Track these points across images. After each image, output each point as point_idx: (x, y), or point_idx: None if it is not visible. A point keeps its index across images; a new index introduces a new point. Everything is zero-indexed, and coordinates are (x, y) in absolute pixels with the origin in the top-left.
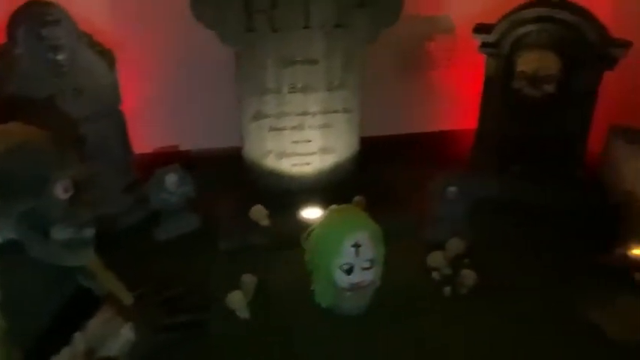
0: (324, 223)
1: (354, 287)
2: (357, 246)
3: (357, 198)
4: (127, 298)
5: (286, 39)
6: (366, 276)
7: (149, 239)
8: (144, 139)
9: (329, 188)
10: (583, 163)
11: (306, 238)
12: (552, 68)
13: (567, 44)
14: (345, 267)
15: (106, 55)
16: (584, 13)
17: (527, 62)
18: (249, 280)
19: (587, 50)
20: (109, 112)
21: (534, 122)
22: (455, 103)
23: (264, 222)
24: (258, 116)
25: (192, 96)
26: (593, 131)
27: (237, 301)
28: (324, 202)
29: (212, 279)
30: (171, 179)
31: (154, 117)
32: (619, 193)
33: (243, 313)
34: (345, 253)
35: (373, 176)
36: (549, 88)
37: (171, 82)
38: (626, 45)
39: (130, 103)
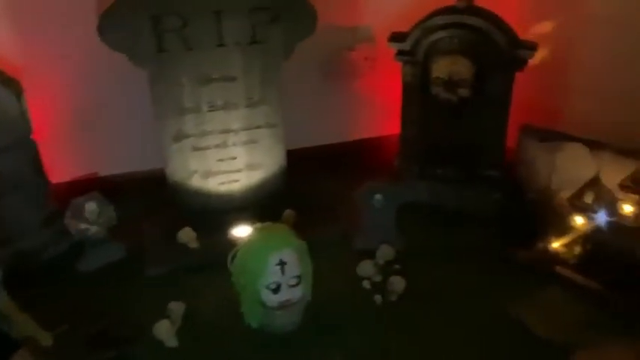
0: (247, 243)
1: (283, 305)
2: (282, 264)
3: (286, 212)
4: (46, 339)
5: (201, 57)
6: (294, 293)
7: (72, 272)
8: (61, 168)
9: (258, 204)
10: (502, 164)
11: (232, 259)
12: (465, 73)
13: (478, 49)
14: (272, 286)
15: (12, 85)
16: (492, 18)
17: (441, 68)
18: (176, 307)
19: (497, 54)
20: (20, 143)
21: (453, 126)
22: (379, 111)
23: (193, 244)
24: (180, 136)
25: (109, 119)
26: (510, 132)
27: (164, 330)
28: (255, 219)
29: (139, 309)
30: (90, 207)
31: (70, 144)
32: (535, 189)
33: (171, 342)
34: (271, 272)
35: (302, 189)
36: (464, 92)
37: (85, 107)
38: (533, 47)
39: (43, 132)
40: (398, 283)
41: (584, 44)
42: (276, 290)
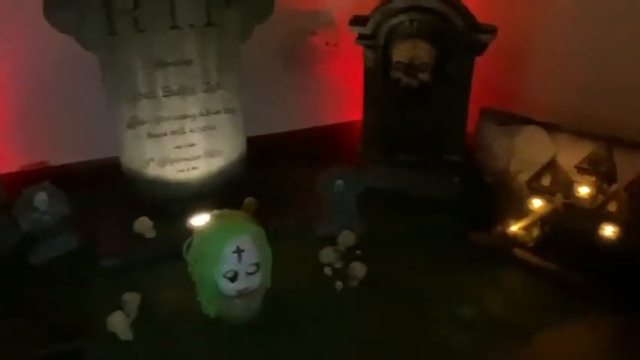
0: (203, 231)
1: (241, 294)
2: (239, 251)
3: (247, 200)
4: None
5: (154, 40)
6: (252, 281)
7: (24, 264)
8: (9, 157)
9: (219, 192)
10: (462, 148)
11: (187, 248)
12: (425, 57)
13: (438, 32)
14: (229, 274)
15: None
16: (451, 2)
17: (402, 52)
18: (131, 298)
19: (456, 38)
20: None
21: (414, 111)
22: (342, 96)
23: (150, 234)
24: (134, 123)
25: (60, 106)
26: (471, 116)
27: (118, 322)
28: (215, 207)
29: (92, 301)
30: (40, 198)
31: (18, 132)
32: (493, 173)
33: (126, 334)
34: (227, 259)
35: (264, 176)
36: (424, 76)
37: (34, 93)
38: (492, 31)
39: None
40: (359, 268)
41: (543, 29)
42: (233, 278)
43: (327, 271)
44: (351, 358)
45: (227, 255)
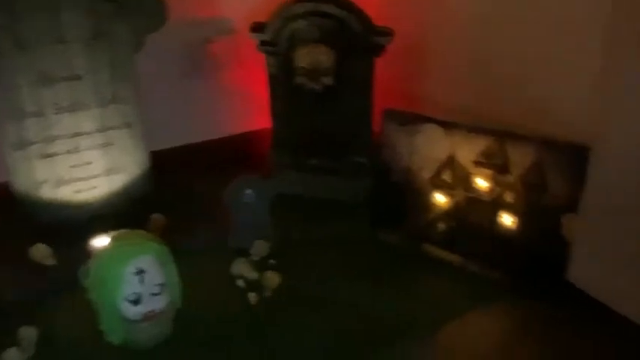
0: (100, 254)
1: (147, 317)
2: (140, 272)
3: (154, 216)
4: None
5: (39, 56)
6: (157, 302)
7: None
8: None
9: (123, 211)
10: (370, 150)
11: (85, 273)
12: (327, 61)
13: (336, 36)
14: (132, 297)
15: None
16: (348, 6)
17: (303, 57)
18: (27, 333)
19: (355, 41)
20: None
21: (320, 116)
22: (250, 104)
23: (48, 261)
24: (23, 144)
25: None
26: (378, 118)
27: None
28: (120, 227)
29: None
30: None
31: None
32: (398, 172)
33: None
34: (128, 282)
35: (172, 191)
36: (327, 80)
37: None
38: (389, 33)
39: None
40: (272, 278)
41: (437, 31)
42: (136, 302)
43: (240, 283)
44: None
45: (127, 277)
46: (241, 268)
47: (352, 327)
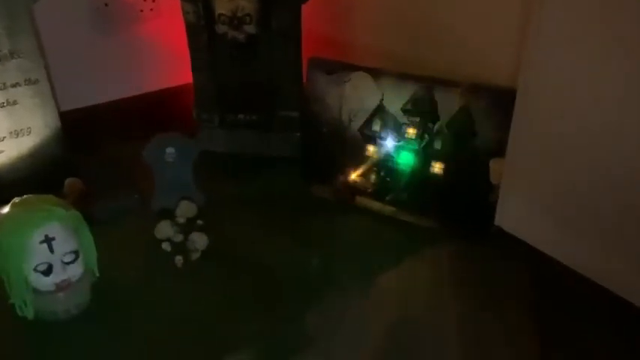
0: (2, 222)
1: (61, 287)
2: (48, 240)
3: (68, 181)
4: None
5: None
6: (72, 270)
7: None
8: None
9: (33, 177)
10: (298, 102)
11: None
12: (249, 8)
13: None
14: (41, 267)
15: None
16: None
17: (224, 4)
18: None
19: None
20: None
21: (245, 68)
22: (170, 58)
23: None
24: None
25: None
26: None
27: None
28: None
29: None
30: None
31: None
32: (328, 123)
33: None
34: (36, 251)
35: (88, 153)
36: (250, 28)
37: None
38: None
39: None
40: (199, 240)
41: None
42: (47, 272)
43: (166, 246)
44: (196, 335)
45: (34, 247)
46: (166, 230)
47: (279, 284)
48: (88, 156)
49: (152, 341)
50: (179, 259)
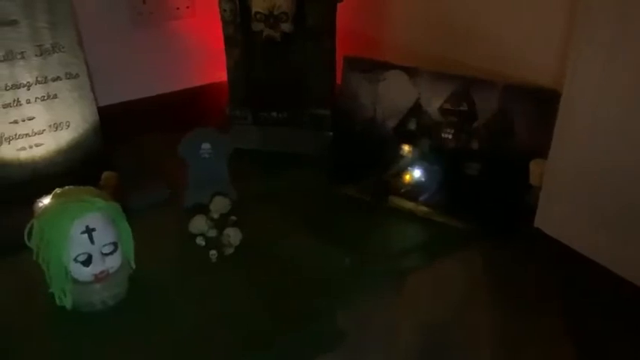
0: (44, 213)
1: (99, 278)
2: (89, 231)
3: (105, 174)
4: None
5: None
6: (110, 262)
7: None
8: None
9: (71, 170)
10: (331, 101)
11: (29, 234)
12: (285, 6)
13: None
14: (81, 258)
15: None
16: None
17: (260, 2)
18: None
19: None
20: None
21: (280, 65)
22: (206, 55)
23: None
24: None
25: None
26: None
27: None
28: (65, 187)
29: None
30: None
31: None
32: (361, 122)
33: None
34: (77, 242)
35: (125, 148)
36: (286, 27)
37: None
38: None
39: None
40: (234, 235)
41: None
42: (87, 262)
43: (200, 241)
44: (227, 330)
45: (75, 237)
46: (201, 225)
47: (311, 282)
48: (123, 150)
49: (185, 334)
50: (213, 254)
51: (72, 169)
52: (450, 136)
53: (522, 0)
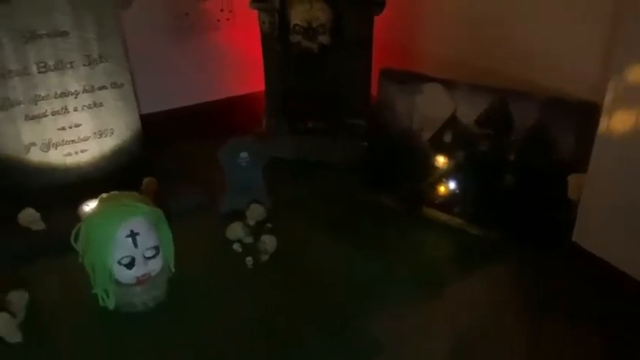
0: (91, 216)
1: (141, 280)
2: (133, 235)
3: (146, 180)
4: None
5: (21, 10)
6: (152, 265)
7: None
8: None
9: (114, 175)
10: (366, 111)
11: (76, 237)
12: (324, 18)
13: None
14: (125, 261)
15: None
16: None
17: (299, 14)
18: (17, 297)
19: None
20: None
21: (316, 76)
22: (242, 66)
23: (37, 226)
24: (6, 104)
25: None
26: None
27: (2, 324)
28: (110, 191)
29: None
30: None
31: None
32: (397, 133)
33: (14, 337)
34: (121, 245)
35: (164, 154)
36: (324, 38)
37: None
38: None
39: None
40: (269, 242)
41: None
42: (130, 265)
43: (237, 247)
44: (262, 334)
45: (120, 240)
46: (238, 232)
47: (345, 290)
48: (162, 157)
49: (220, 336)
50: (249, 260)
51: (114, 174)
52: (486, 148)
53: (561, 12)
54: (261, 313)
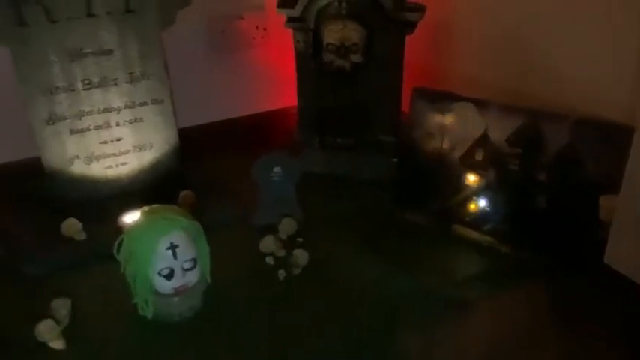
0: (133, 229)
1: (179, 291)
2: (173, 247)
3: (183, 193)
4: None
5: (69, 30)
6: (189, 277)
7: None
8: None
9: (152, 187)
10: (397, 128)
11: (118, 247)
12: (356, 38)
13: (366, 12)
14: (164, 272)
15: None
16: None
17: (332, 34)
18: (61, 304)
19: (385, 17)
20: None
21: (349, 93)
22: (276, 82)
23: (80, 236)
24: (53, 119)
25: None
26: (406, 96)
27: (47, 330)
28: (148, 203)
29: (18, 311)
30: None
31: None
32: (428, 151)
33: (57, 343)
34: (162, 257)
35: (200, 168)
36: (356, 57)
37: None
38: (421, 9)
39: None
40: (301, 256)
41: (469, 5)
42: (169, 276)
43: (269, 260)
44: (293, 348)
45: (161, 252)
46: (270, 245)
47: (376, 305)
48: (198, 170)
49: (253, 347)
50: (282, 273)
51: (153, 187)
52: (517, 168)
53: (593, 35)
54: (291, 323)
